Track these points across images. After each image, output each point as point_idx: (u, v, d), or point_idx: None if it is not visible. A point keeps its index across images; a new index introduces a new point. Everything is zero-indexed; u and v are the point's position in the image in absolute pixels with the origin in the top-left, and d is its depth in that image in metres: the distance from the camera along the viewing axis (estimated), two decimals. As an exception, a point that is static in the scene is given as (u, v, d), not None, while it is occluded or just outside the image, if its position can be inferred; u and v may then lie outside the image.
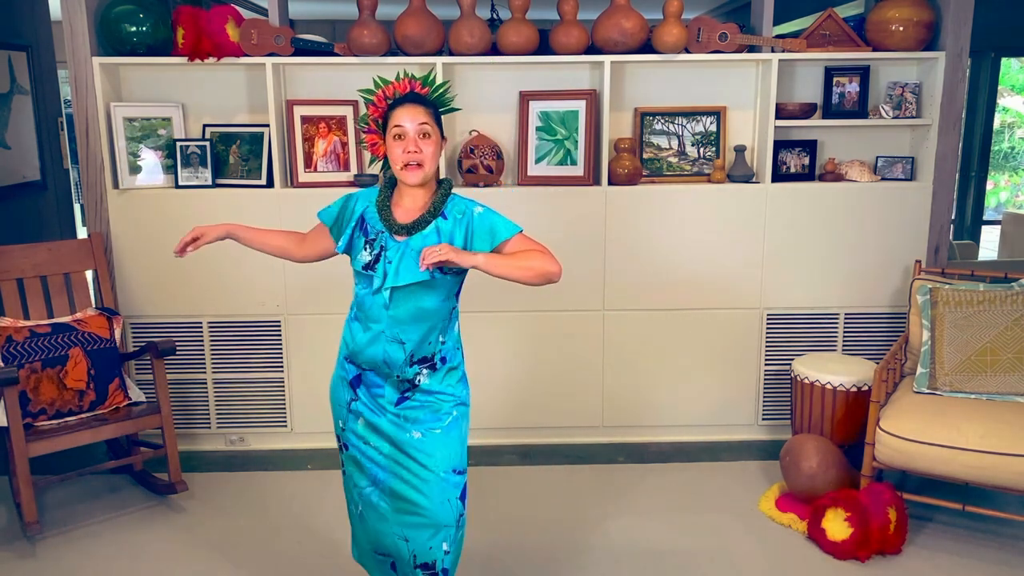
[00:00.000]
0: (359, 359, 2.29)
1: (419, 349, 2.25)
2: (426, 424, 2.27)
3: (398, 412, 2.27)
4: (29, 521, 3.11)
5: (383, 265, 2.21)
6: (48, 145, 4.96)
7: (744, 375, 3.97)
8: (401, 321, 2.22)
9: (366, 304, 2.26)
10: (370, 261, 2.23)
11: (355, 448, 2.32)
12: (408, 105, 2.21)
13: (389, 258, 2.21)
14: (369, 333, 2.25)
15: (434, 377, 2.28)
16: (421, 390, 2.28)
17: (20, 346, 3.25)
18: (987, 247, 8.43)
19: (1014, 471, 2.86)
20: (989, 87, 7.64)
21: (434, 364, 2.28)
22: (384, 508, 2.29)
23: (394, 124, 2.20)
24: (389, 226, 2.23)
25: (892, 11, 3.68)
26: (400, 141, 2.19)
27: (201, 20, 3.61)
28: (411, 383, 2.27)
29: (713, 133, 3.89)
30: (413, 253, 2.19)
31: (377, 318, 2.24)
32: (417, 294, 2.21)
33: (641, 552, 3.05)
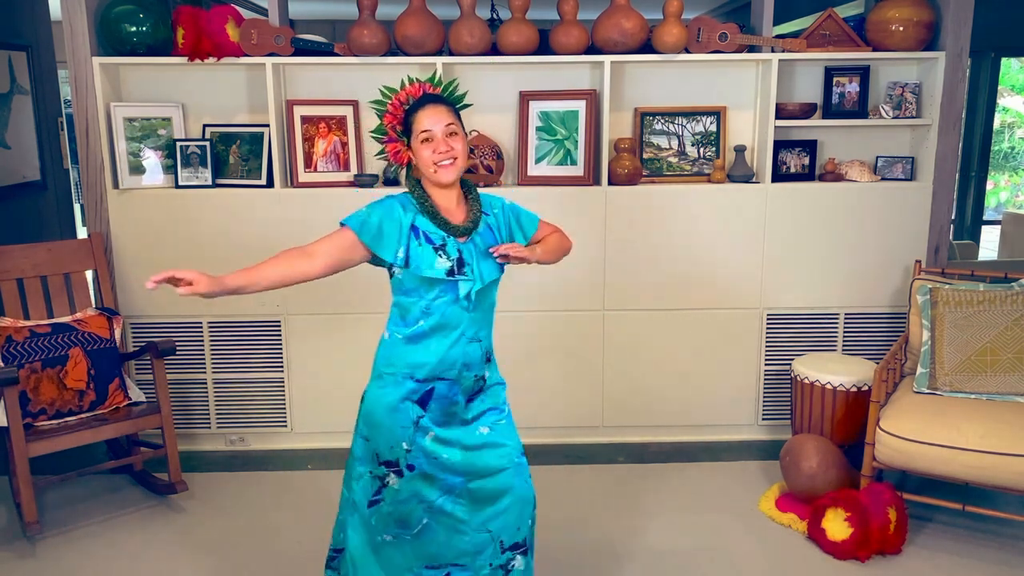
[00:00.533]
0: (433, 372, 2.24)
1: (489, 344, 2.35)
2: (491, 418, 2.33)
3: (467, 416, 2.31)
4: (29, 521, 3.11)
5: (468, 268, 2.22)
6: (48, 145, 4.96)
7: (744, 375, 3.97)
8: (478, 320, 2.28)
9: (447, 312, 2.23)
10: (451, 267, 2.21)
11: (425, 464, 2.25)
12: (430, 107, 2.23)
13: (467, 260, 2.22)
14: (448, 340, 2.24)
15: (492, 369, 2.38)
16: (486, 387, 2.35)
17: (20, 346, 3.25)
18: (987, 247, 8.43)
19: (1014, 471, 2.86)
20: (989, 87, 7.64)
21: (490, 356, 2.38)
22: (460, 511, 2.27)
23: (421, 129, 2.20)
24: (450, 230, 2.23)
25: (892, 11, 3.68)
26: (429, 144, 2.20)
27: (201, 20, 3.61)
28: (483, 379, 2.34)
29: (713, 133, 3.89)
30: (481, 252, 2.26)
31: (457, 322, 2.24)
32: (490, 291, 2.30)
33: (641, 552, 3.05)
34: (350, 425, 4.07)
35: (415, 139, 2.22)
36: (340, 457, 3.88)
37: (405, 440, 2.25)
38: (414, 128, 2.22)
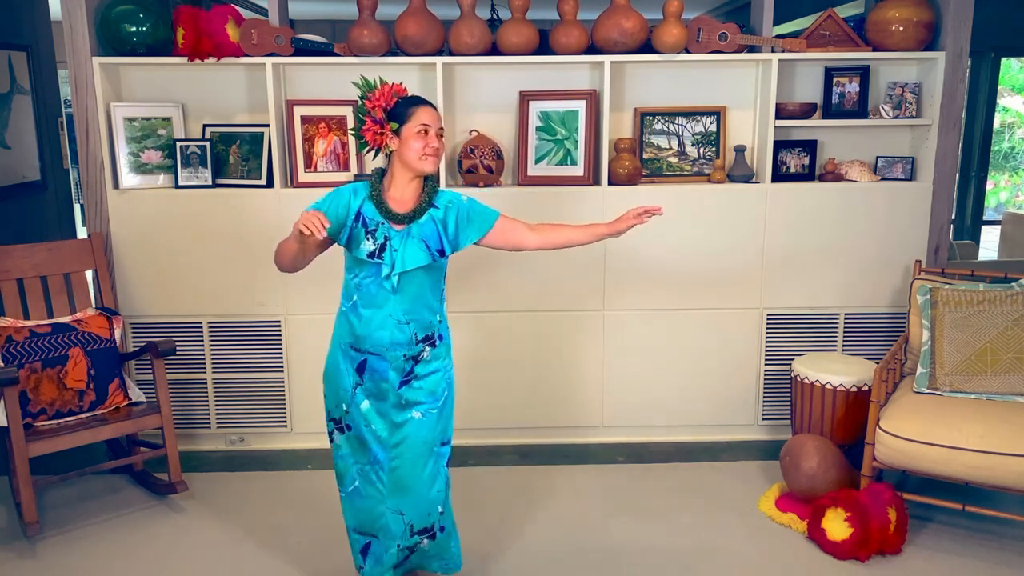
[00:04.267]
0: (365, 344, 2.49)
1: (421, 328, 2.50)
2: (425, 405, 2.53)
3: (400, 395, 2.52)
4: (29, 521, 3.11)
5: (389, 253, 2.44)
6: (48, 145, 4.96)
7: (744, 375, 3.97)
8: (405, 303, 2.47)
9: (371, 291, 2.47)
10: (375, 250, 2.45)
11: (357, 428, 2.54)
12: (430, 108, 2.47)
13: (395, 246, 2.45)
14: (377, 318, 2.47)
15: (435, 353, 2.54)
16: (423, 365, 2.52)
17: (20, 346, 3.25)
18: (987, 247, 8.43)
19: (1014, 471, 2.86)
20: (989, 87, 7.65)
21: (434, 341, 2.54)
22: (381, 487, 2.55)
23: (421, 122, 2.43)
24: (389, 217, 2.46)
25: (892, 11, 3.68)
26: (423, 137, 2.43)
27: (201, 20, 3.61)
28: (415, 359, 2.51)
29: (713, 133, 3.89)
30: (415, 240, 2.46)
31: (383, 303, 2.46)
32: (419, 277, 2.47)
33: (641, 552, 3.05)
34: (350, 425, 4.06)
35: (410, 129, 2.43)
36: (340, 457, 3.89)
37: (345, 401, 2.55)
38: (412, 120, 2.43)
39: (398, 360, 2.50)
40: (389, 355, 2.49)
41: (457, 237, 2.52)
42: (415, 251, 2.45)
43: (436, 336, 2.55)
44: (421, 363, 2.53)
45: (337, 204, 2.50)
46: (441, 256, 2.49)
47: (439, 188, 2.55)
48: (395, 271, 2.44)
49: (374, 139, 2.47)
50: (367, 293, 2.48)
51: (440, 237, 2.49)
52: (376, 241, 2.45)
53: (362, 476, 2.58)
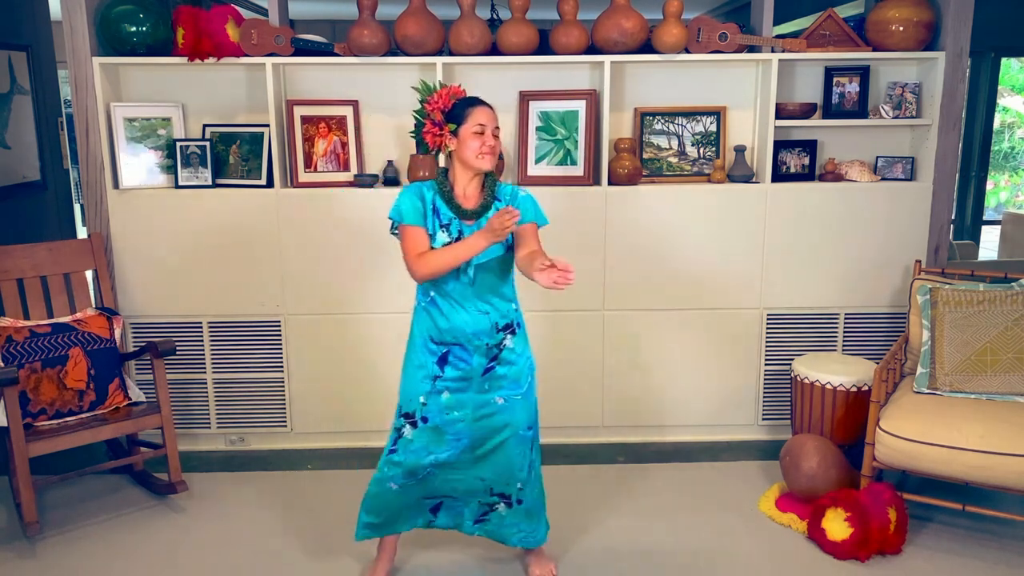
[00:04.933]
0: (446, 336, 2.60)
1: (500, 317, 2.61)
2: (508, 390, 2.64)
3: (484, 381, 2.62)
4: (29, 521, 3.11)
5: None
6: (48, 145, 4.96)
7: (744, 375, 3.97)
8: (483, 294, 2.58)
9: (449, 285, 2.58)
10: (449, 243, 2.55)
11: (437, 417, 2.63)
12: (486, 108, 2.58)
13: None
14: (455, 310, 2.58)
15: (517, 340, 2.65)
16: (508, 353, 2.63)
17: (20, 346, 3.25)
18: (987, 247, 8.43)
19: (1014, 471, 2.86)
20: (989, 87, 7.65)
21: (513, 329, 2.65)
22: (462, 463, 2.67)
23: (478, 122, 2.54)
24: (459, 213, 2.57)
25: (892, 11, 3.68)
26: (480, 136, 2.53)
27: (201, 20, 3.61)
28: (498, 347, 2.62)
29: (713, 133, 3.89)
30: None
31: (461, 295, 2.58)
32: (493, 269, 2.58)
33: (642, 552, 3.05)
34: (350, 425, 4.10)
35: (467, 129, 2.54)
36: (340, 457, 3.89)
37: (422, 394, 2.63)
38: (469, 120, 2.54)
39: (481, 349, 2.61)
40: (471, 345, 2.60)
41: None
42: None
43: (515, 324, 2.66)
44: (504, 351, 2.63)
45: (414, 197, 2.58)
46: (511, 247, 2.59)
47: (499, 182, 2.67)
48: (472, 264, 2.53)
49: (434, 141, 2.59)
50: (445, 288, 2.58)
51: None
52: (451, 235, 2.56)
53: (436, 467, 2.67)
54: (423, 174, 3.71)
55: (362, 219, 3.75)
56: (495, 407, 2.63)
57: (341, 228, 3.77)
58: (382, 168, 3.89)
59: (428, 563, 2.99)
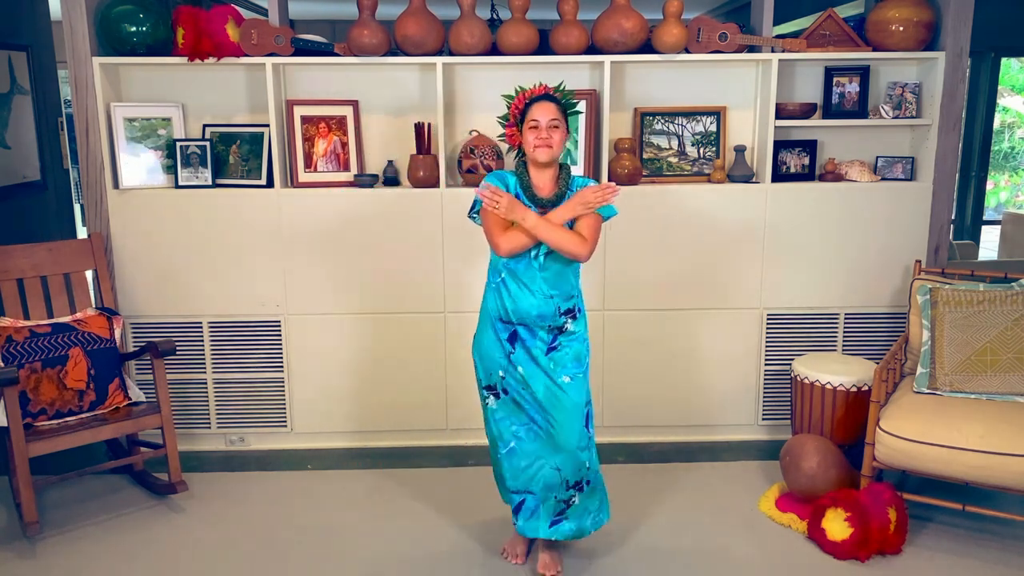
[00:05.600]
0: (514, 317, 2.77)
1: (564, 301, 2.78)
2: (571, 369, 2.79)
3: (550, 359, 2.77)
4: (29, 521, 3.11)
5: None
6: (48, 145, 4.96)
7: (744, 375, 3.97)
8: (550, 279, 2.75)
9: (519, 269, 2.75)
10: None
11: (514, 392, 2.80)
12: (542, 103, 2.73)
13: None
14: (523, 292, 2.75)
15: (577, 323, 2.82)
16: (567, 335, 2.78)
17: (20, 346, 3.25)
18: (987, 247, 8.43)
19: (1014, 471, 2.86)
20: (989, 87, 7.65)
21: (575, 313, 2.82)
22: (538, 446, 2.80)
23: (531, 118, 2.72)
24: (536, 202, 2.75)
25: (892, 11, 3.68)
26: (535, 130, 2.70)
27: (201, 20, 3.61)
28: (560, 330, 2.78)
29: (713, 133, 3.89)
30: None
31: (531, 279, 2.74)
32: (562, 257, 2.72)
33: (641, 552, 3.05)
34: (350, 425, 4.09)
35: (525, 125, 2.73)
36: (340, 457, 3.89)
37: (500, 368, 2.81)
38: (527, 117, 2.73)
39: (543, 331, 2.77)
40: (536, 326, 2.76)
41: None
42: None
43: (576, 309, 2.82)
44: (565, 333, 2.79)
45: (499, 184, 2.77)
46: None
47: (573, 175, 2.82)
48: (543, 250, 2.71)
49: (511, 140, 2.83)
50: (516, 271, 2.76)
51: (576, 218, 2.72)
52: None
53: (518, 437, 2.82)
54: (422, 174, 3.72)
55: (362, 219, 3.75)
56: (562, 385, 2.78)
57: (341, 228, 3.77)
58: (382, 168, 3.89)
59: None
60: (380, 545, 3.12)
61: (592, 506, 2.90)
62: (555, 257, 2.74)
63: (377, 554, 3.06)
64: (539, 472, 2.81)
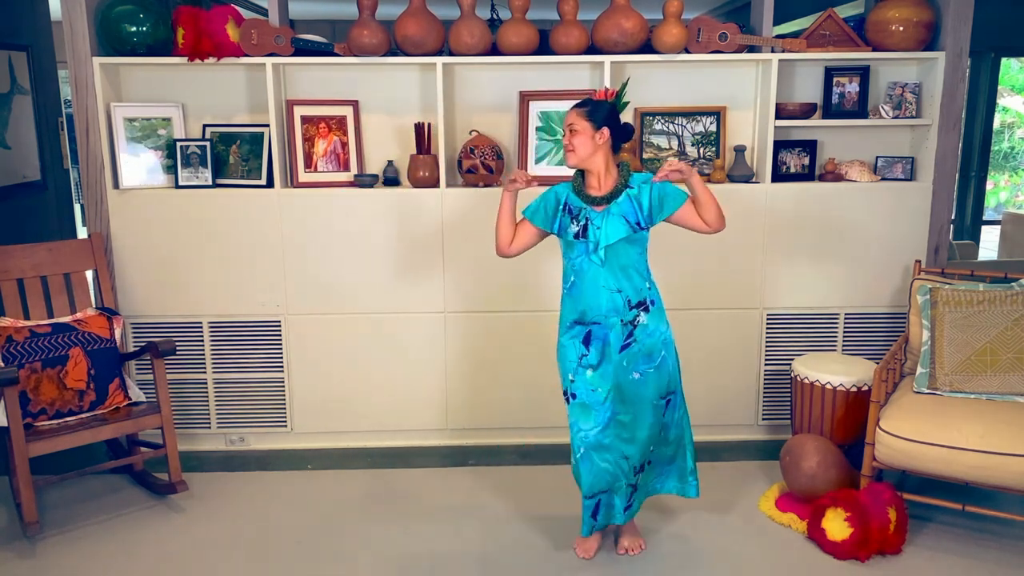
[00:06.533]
0: (587, 316, 2.84)
1: (634, 295, 2.83)
2: (643, 366, 2.85)
3: (622, 358, 2.83)
4: (29, 521, 3.11)
5: (592, 230, 2.80)
6: (48, 145, 4.96)
7: (744, 375, 3.97)
8: (614, 274, 2.81)
9: (583, 268, 2.83)
10: (578, 230, 2.82)
11: (584, 395, 2.85)
12: (570, 111, 2.84)
13: (597, 224, 2.80)
14: (591, 290, 2.82)
15: (651, 316, 2.86)
16: (641, 330, 2.83)
17: (20, 346, 3.25)
18: (987, 247, 8.43)
19: (1014, 471, 2.86)
20: (989, 87, 7.64)
21: (647, 306, 2.86)
22: (607, 441, 2.86)
23: (563, 126, 2.86)
24: (589, 200, 2.81)
25: (892, 11, 3.68)
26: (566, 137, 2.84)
27: (201, 20, 3.61)
28: (632, 324, 2.83)
29: (713, 133, 3.89)
30: (615, 217, 2.79)
31: (594, 276, 2.81)
32: (623, 250, 2.81)
33: (641, 552, 3.05)
34: (350, 425, 4.10)
35: None
36: (340, 457, 3.89)
37: (571, 372, 2.87)
38: None
39: (616, 326, 2.82)
40: (608, 322, 2.82)
41: (651, 213, 2.82)
42: (616, 225, 2.78)
43: (648, 301, 2.86)
44: (639, 327, 2.84)
45: (549, 198, 2.90)
46: (640, 228, 2.80)
47: (632, 171, 2.87)
48: (601, 244, 2.78)
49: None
50: (581, 270, 2.83)
51: (636, 212, 2.79)
52: (579, 223, 2.81)
53: (585, 442, 2.86)
54: (422, 173, 3.72)
55: (362, 219, 3.75)
56: (633, 382, 2.84)
57: (341, 228, 3.77)
58: (382, 168, 3.89)
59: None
60: (380, 545, 3.12)
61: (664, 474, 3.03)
62: (616, 252, 2.80)
63: (377, 554, 3.06)
64: (611, 468, 2.88)
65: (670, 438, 2.97)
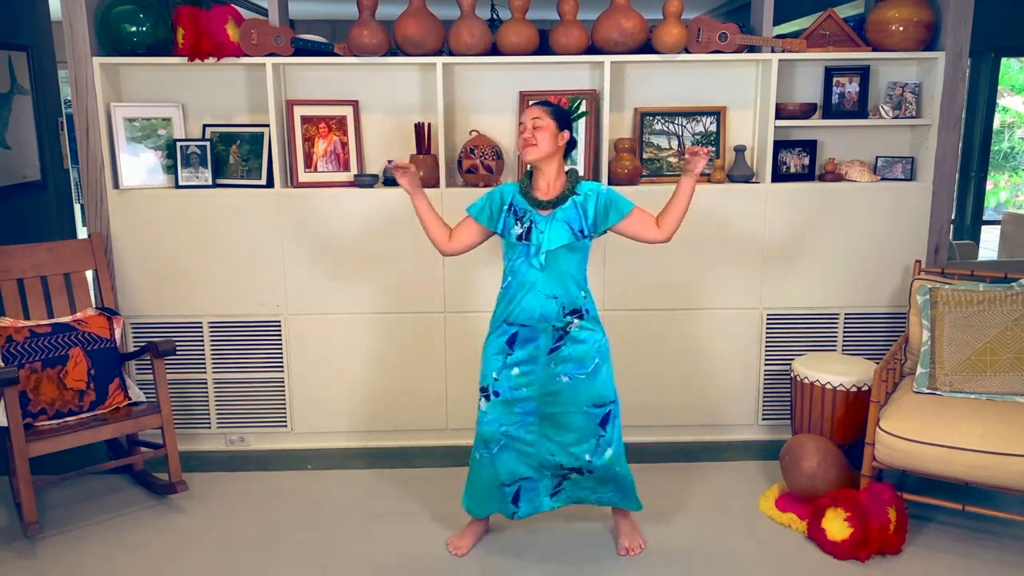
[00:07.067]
0: (519, 318, 2.84)
1: (568, 303, 2.83)
2: (573, 370, 2.84)
3: (549, 360, 2.84)
4: (29, 521, 3.11)
5: (536, 234, 2.79)
6: (48, 145, 4.96)
7: (744, 375, 3.97)
8: (552, 280, 2.81)
9: (522, 270, 2.82)
10: (522, 233, 2.81)
11: (507, 392, 2.87)
12: (530, 107, 2.85)
13: (540, 228, 2.80)
14: (526, 294, 2.81)
15: (584, 324, 2.85)
16: (571, 337, 2.83)
17: (20, 346, 3.25)
18: (987, 247, 8.43)
19: (1014, 471, 2.86)
20: (989, 87, 7.65)
21: (581, 314, 2.85)
22: (531, 437, 2.89)
23: (519, 122, 2.87)
24: (535, 204, 2.81)
25: (892, 11, 3.68)
26: (521, 132, 2.81)
27: (201, 20, 3.61)
28: (564, 331, 2.83)
29: (713, 133, 3.89)
30: (559, 223, 2.79)
31: (532, 280, 2.81)
32: (564, 256, 2.81)
33: (641, 552, 3.05)
34: (350, 425, 4.09)
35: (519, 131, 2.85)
36: (340, 457, 3.89)
37: (495, 370, 2.87)
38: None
39: (548, 331, 2.83)
40: (539, 327, 2.83)
41: (595, 222, 2.82)
42: (560, 231, 2.78)
43: (583, 310, 2.86)
44: (569, 334, 2.83)
45: (494, 198, 2.90)
46: (583, 236, 2.81)
47: (581, 179, 2.88)
48: (542, 249, 2.78)
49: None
50: (519, 272, 2.83)
51: (580, 219, 2.80)
52: (523, 225, 2.81)
53: (507, 436, 2.89)
54: (422, 174, 3.71)
55: (362, 219, 3.75)
56: (559, 384, 2.84)
57: (341, 228, 3.77)
58: (382, 168, 3.89)
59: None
60: (380, 545, 3.12)
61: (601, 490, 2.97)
62: (557, 257, 2.79)
63: (377, 554, 3.06)
64: (531, 459, 2.91)
65: (610, 457, 2.89)
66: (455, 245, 2.96)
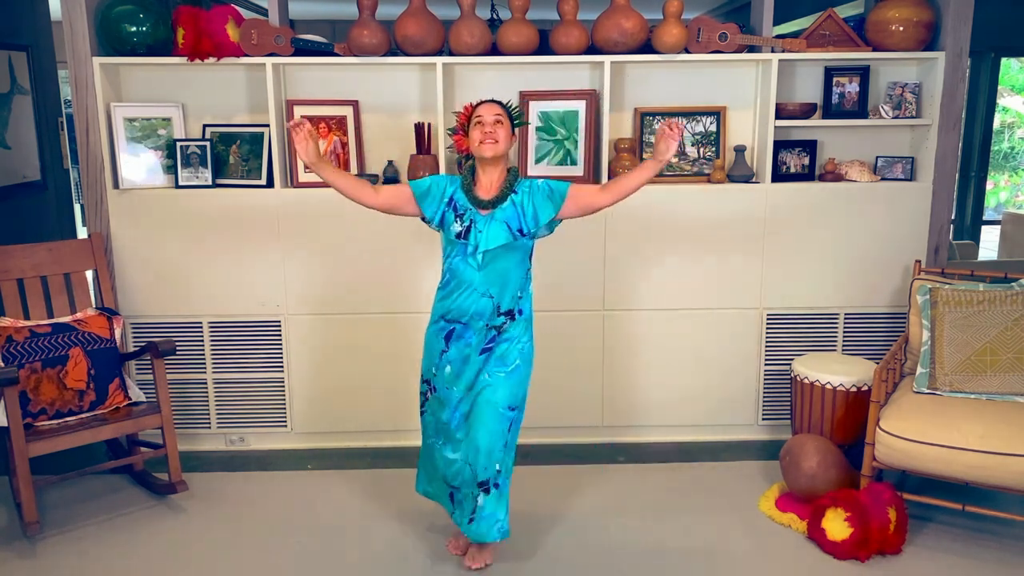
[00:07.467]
0: (454, 315, 2.83)
1: (504, 303, 2.81)
2: (495, 368, 2.83)
3: (481, 360, 2.82)
4: (29, 521, 3.11)
5: (474, 233, 2.77)
6: (48, 145, 4.96)
7: (744, 375, 3.97)
8: (490, 279, 2.79)
9: (460, 268, 2.80)
10: (461, 231, 2.78)
11: (442, 389, 2.88)
12: (487, 104, 2.83)
13: (479, 227, 2.77)
14: (463, 292, 2.80)
15: (515, 325, 2.84)
16: (503, 337, 2.82)
17: (20, 346, 3.25)
18: (987, 247, 8.43)
19: (1014, 471, 2.86)
20: (989, 87, 7.64)
21: (514, 315, 2.84)
22: (460, 436, 2.86)
23: (476, 116, 2.80)
24: (476, 203, 2.79)
25: (892, 11, 3.68)
26: (480, 127, 2.77)
27: (201, 20, 3.61)
28: (497, 330, 2.82)
29: (713, 133, 3.89)
30: (498, 223, 2.76)
31: (471, 279, 2.79)
32: (503, 256, 2.78)
33: (641, 552, 3.05)
34: (350, 425, 4.10)
35: (472, 126, 2.80)
36: (340, 457, 3.89)
37: (434, 365, 2.90)
38: (473, 118, 2.81)
39: (481, 330, 2.81)
40: (474, 325, 2.81)
41: (536, 216, 2.78)
42: (498, 231, 2.76)
43: (516, 311, 2.84)
44: (503, 333, 2.83)
45: (439, 183, 2.86)
46: (522, 235, 2.78)
47: (520, 177, 2.88)
48: (480, 249, 2.75)
49: (461, 146, 2.92)
50: (457, 270, 2.81)
51: (520, 218, 2.78)
52: (463, 223, 2.78)
53: (443, 431, 2.90)
54: (422, 174, 3.71)
55: (362, 219, 3.75)
56: (483, 382, 2.83)
57: (341, 228, 3.77)
58: (382, 168, 3.89)
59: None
60: (380, 545, 3.12)
61: (500, 514, 2.85)
62: (496, 257, 2.77)
63: (377, 554, 3.06)
64: (451, 466, 2.89)
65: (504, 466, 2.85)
66: (383, 200, 2.83)
